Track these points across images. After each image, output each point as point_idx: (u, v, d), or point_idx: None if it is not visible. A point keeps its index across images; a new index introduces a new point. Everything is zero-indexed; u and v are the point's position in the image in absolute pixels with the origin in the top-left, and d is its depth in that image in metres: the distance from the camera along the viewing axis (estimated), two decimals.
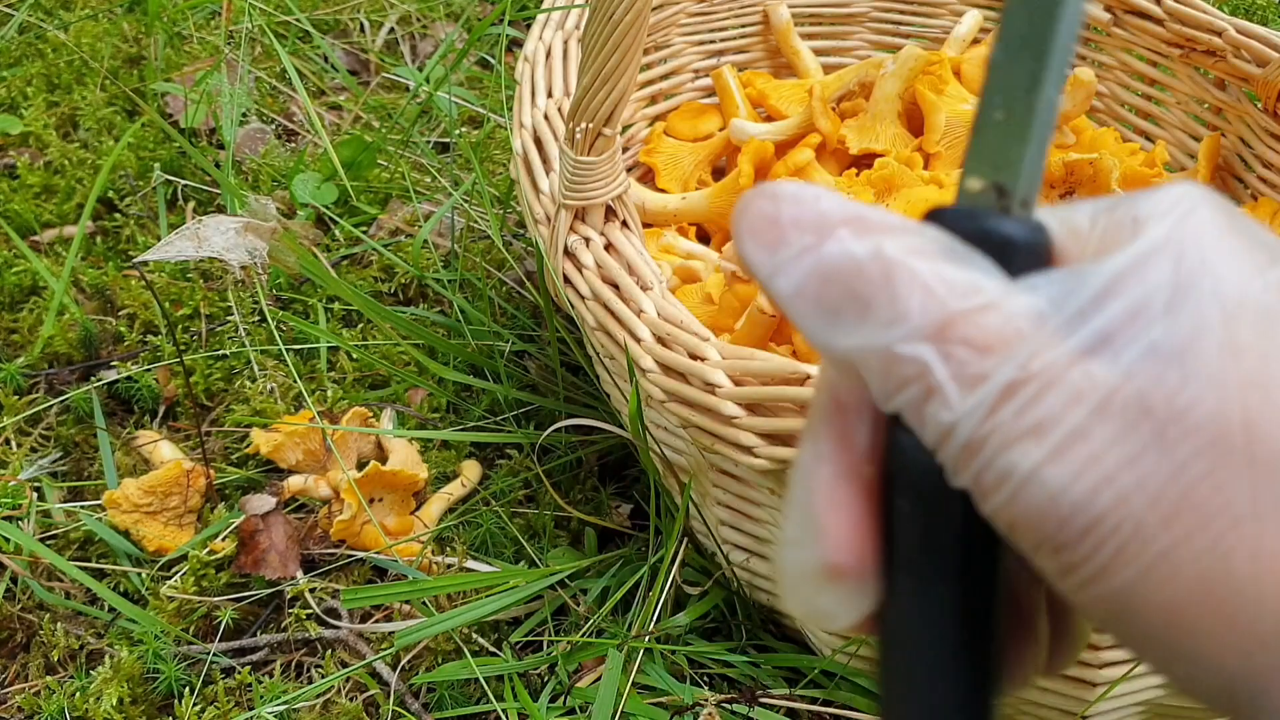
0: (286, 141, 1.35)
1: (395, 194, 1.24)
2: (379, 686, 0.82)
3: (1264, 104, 1.00)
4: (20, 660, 0.85)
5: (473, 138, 1.32)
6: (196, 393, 1.02)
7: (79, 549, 0.90)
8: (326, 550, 0.90)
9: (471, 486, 0.95)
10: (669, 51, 1.14)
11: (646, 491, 0.91)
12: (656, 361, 0.69)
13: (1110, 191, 0.86)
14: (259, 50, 1.45)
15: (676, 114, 1.14)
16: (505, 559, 0.90)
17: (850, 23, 1.21)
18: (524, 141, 0.86)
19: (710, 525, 0.83)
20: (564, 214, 0.77)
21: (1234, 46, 1.00)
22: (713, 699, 0.79)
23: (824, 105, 1.04)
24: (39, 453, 0.98)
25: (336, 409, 1.00)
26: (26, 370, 1.04)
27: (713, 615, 0.85)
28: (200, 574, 0.87)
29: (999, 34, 0.32)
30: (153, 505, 0.89)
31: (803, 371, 0.62)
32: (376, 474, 0.88)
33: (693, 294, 0.91)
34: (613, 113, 0.71)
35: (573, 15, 0.96)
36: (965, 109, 1.02)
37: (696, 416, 0.67)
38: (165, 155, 1.25)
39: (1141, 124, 1.13)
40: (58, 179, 1.24)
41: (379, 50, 1.51)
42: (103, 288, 1.13)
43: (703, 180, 1.09)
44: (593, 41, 0.68)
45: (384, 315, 1.02)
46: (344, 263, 1.17)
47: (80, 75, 1.38)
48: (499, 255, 1.15)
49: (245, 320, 1.08)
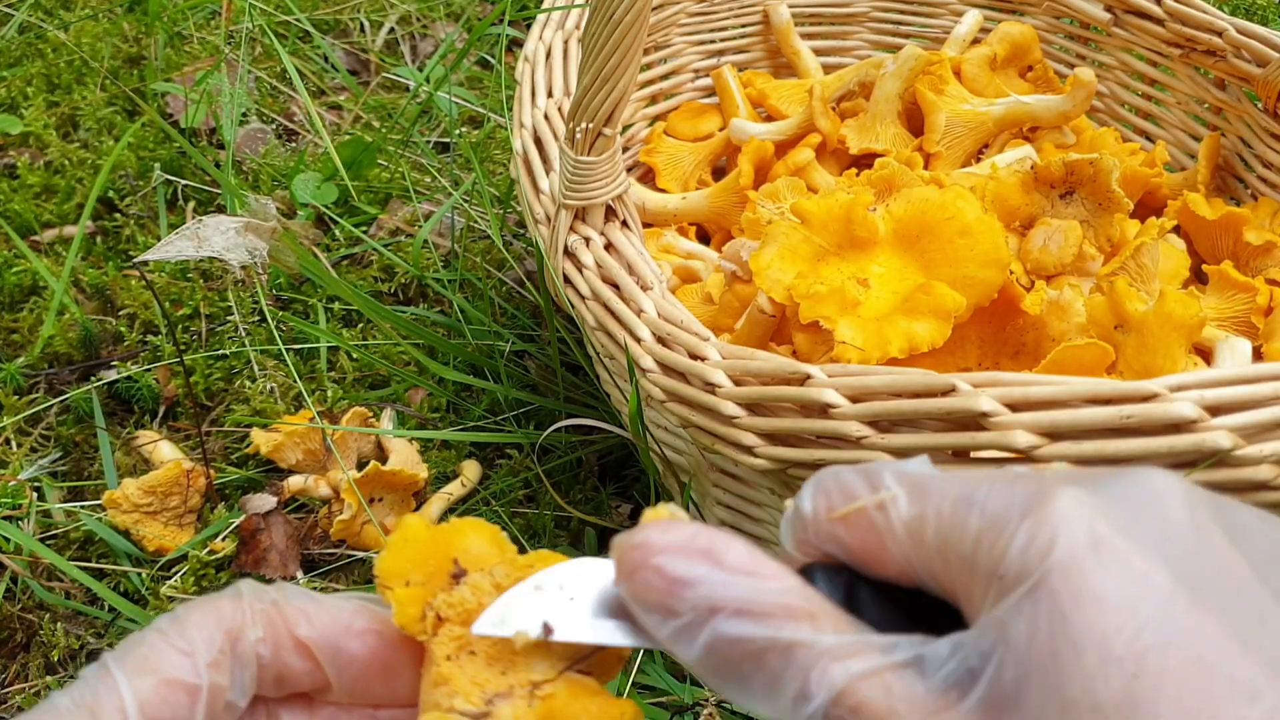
0: (286, 141, 1.35)
1: (395, 194, 1.24)
2: None
3: (1264, 104, 1.00)
4: (20, 660, 0.85)
5: (473, 138, 1.32)
6: (196, 393, 1.02)
7: (79, 549, 0.90)
8: (326, 550, 0.90)
9: (471, 486, 0.95)
10: (669, 51, 1.14)
11: (646, 491, 0.91)
12: (656, 361, 0.69)
13: (1110, 191, 0.86)
14: (259, 50, 1.45)
15: (676, 114, 1.14)
16: None
17: (850, 23, 1.21)
18: (524, 141, 0.86)
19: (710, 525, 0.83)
20: (564, 214, 0.77)
21: (1234, 46, 1.00)
22: (713, 699, 0.79)
23: (824, 105, 1.04)
24: (39, 453, 0.98)
25: (336, 409, 1.00)
26: (26, 370, 1.04)
27: None
28: (200, 574, 0.87)
29: None
30: (153, 505, 0.89)
31: (803, 371, 0.62)
32: (376, 474, 0.88)
33: (693, 294, 0.91)
34: (613, 113, 0.71)
35: (573, 15, 0.96)
36: (965, 109, 1.02)
37: (696, 416, 0.67)
38: (165, 155, 1.25)
39: (1141, 124, 1.13)
40: (58, 179, 1.24)
41: (379, 50, 1.51)
42: (103, 288, 1.13)
43: (703, 180, 1.09)
44: (593, 41, 0.68)
45: (384, 315, 1.02)
46: (344, 263, 1.17)
47: (80, 75, 1.38)
48: (499, 255, 1.15)
49: (245, 320, 1.08)
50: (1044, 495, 0.30)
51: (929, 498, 0.33)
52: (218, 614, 0.36)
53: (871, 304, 0.74)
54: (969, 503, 0.32)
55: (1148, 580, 0.28)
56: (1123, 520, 0.30)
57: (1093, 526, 0.29)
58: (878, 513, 0.33)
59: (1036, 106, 1.03)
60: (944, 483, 0.33)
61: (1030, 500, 0.30)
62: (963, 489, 0.32)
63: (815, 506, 0.34)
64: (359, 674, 0.37)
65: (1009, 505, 0.31)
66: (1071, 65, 1.14)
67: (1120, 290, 0.75)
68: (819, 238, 0.78)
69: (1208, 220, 0.93)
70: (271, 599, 0.37)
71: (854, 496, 0.34)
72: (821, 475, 0.35)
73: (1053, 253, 0.84)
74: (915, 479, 0.33)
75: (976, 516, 0.31)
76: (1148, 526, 0.30)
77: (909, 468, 0.34)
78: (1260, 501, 0.56)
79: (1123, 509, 0.30)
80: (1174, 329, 0.72)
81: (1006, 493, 0.31)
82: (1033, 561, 0.29)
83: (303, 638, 0.36)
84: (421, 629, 0.36)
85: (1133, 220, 0.88)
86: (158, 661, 0.34)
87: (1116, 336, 0.75)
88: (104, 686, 0.34)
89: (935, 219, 0.76)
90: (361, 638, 0.37)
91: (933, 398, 0.58)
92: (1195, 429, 0.54)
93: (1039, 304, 0.77)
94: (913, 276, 0.76)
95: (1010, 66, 1.12)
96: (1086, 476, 0.32)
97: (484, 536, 0.37)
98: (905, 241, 0.77)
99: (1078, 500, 0.30)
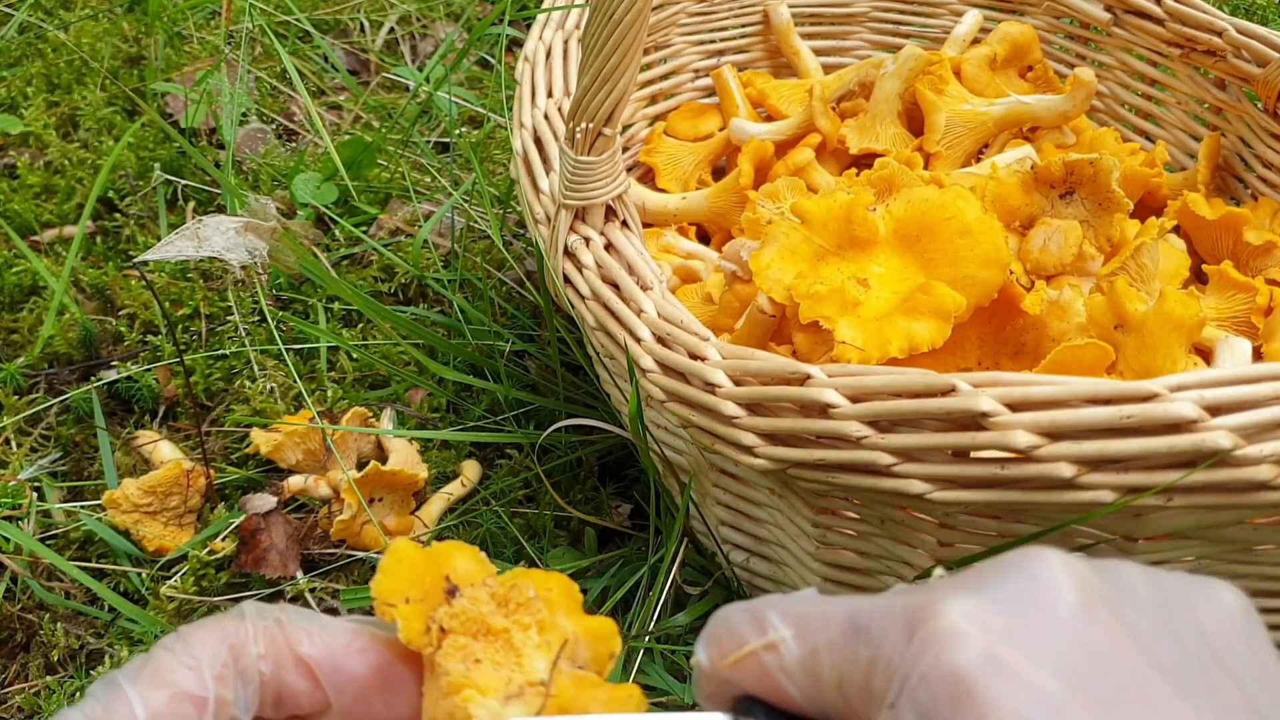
0: (286, 141, 1.35)
1: (395, 194, 1.24)
2: None
3: (1264, 104, 1.00)
4: (20, 660, 0.85)
5: (473, 138, 1.32)
6: (196, 393, 1.02)
7: (79, 549, 0.90)
8: (326, 550, 0.90)
9: (471, 486, 0.95)
10: (669, 51, 1.14)
11: (646, 491, 0.91)
12: (656, 361, 0.69)
13: (1110, 191, 0.86)
14: (259, 50, 1.45)
15: (676, 114, 1.14)
16: (505, 559, 0.90)
17: (850, 23, 1.21)
18: (524, 141, 0.86)
19: (710, 525, 0.83)
20: (564, 214, 0.77)
21: (1234, 46, 1.00)
22: None
23: (824, 105, 1.04)
24: (39, 453, 0.98)
25: (336, 409, 1.00)
26: (26, 370, 1.04)
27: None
28: (200, 574, 0.87)
29: None
30: (153, 505, 0.89)
31: (803, 371, 0.62)
32: (376, 474, 0.88)
33: (693, 294, 0.91)
34: (613, 113, 0.71)
35: (573, 15, 0.96)
36: (965, 109, 1.02)
37: (696, 416, 0.67)
38: (165, 155, 1.25)
39: (1141, 124, 1.13)
40: (58, 179, 1.24)
41: (379, 50, 1.51)
42: (103, 288, 1.13)
43: (703, 180, 1.09)
44: (593, 41, 0.68)
45: (384, 315, 1.02)
46: (344, 263, 1.17)
47: (80, 75, 1.38)
48: (499, 255, 1.15)
49: (245, 320, 1.08)
50: (927, 611, 0.30)
51: (816, 632, 0.32)
52: (221, 631, 0.36)
53: (871, 304, 0.74)
54: (855, 631, 0.31)
55: (1037, 693, 0.28)
56: (1009, 626, 0.29)
57: (977, 640, 0.29)
58: (768, 655, 0.33)
59: (1036, 106, 1.03)
60: (830, 612, 0.32)
61: (914, 617, 0.30)
62: (849, 616, 0.32)
63: (710, 656, 0.35)
64: (359, 692, 0.38)
65: (894, 628, 0.30)
66: (1071, 65, 1.14)
67: (1120, 290, 0.75)
68: (819, 238, 0.78)
69: (1208, 220, 0.93)
70: (274, 618, 0.37)
71: (743, 640, 0.34)
72: (711, 622, 0.35)
73: (1053, 253, 0.84)
74: (800, 615, 0.33)
75: (864, 647, 0.31)
76: (1035, 628, 0.30)
77: (791, 603, 0.34)
78: (1260, 501, 0.56)
79: (1009, 612, 0.30)
80: (1174, 329, 0.72)
81: (890, 615, 0.31)
82: (917, 687, 0.29)
83: (304, 655, 0.37)
84: (427, 642, 0.37)
85: (1133, 220, 0.88)
86: (166, 675, 0.35)
87: (1116, 336, 0.75)
88: (116, 701, 0.34)
89: (935, 219, 0.76)
90: (362, 655, 0.38)
91: (933, 398, 0.58)
92: (1195, 429, 0.54)
93: (1039, 304, 0.77)
94: (913, 276, 0.76)
95: (1010, 66, 1.12)
96: (970, 579, 0.31)
97: (469, 555, 0.40)
98: (905, 241, 0.77)
99: (962, 613, 0.30)
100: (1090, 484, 0.56)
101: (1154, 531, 0.63)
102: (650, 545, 0.87)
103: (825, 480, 0.63)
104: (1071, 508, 0.58)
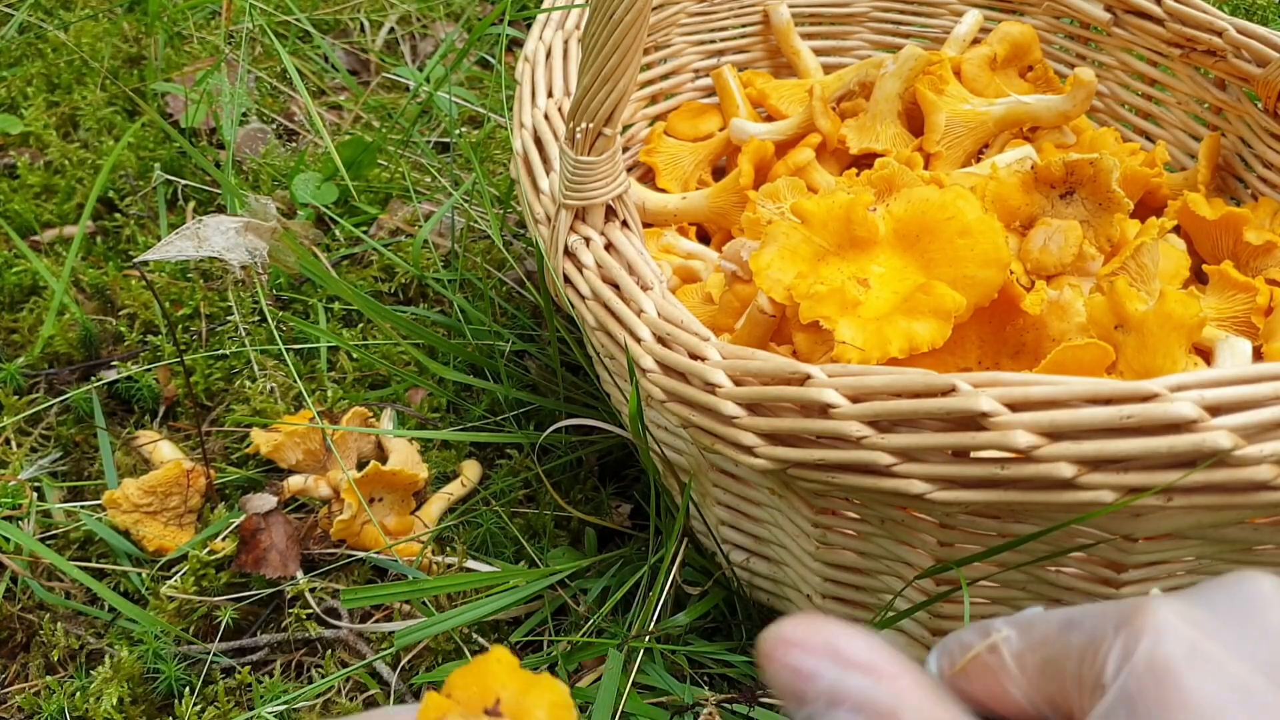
0: (287, 141, 1.35)
1: (395, 194, 1.24)
2: (379, 686, 0.82)
3: (1264, 104, 1.00)
4: (20, 660, 0.85)
5: (473, 138, 1.32)
6: (196, 393, 1.02)
7: (79, 549, 0.90)
8: (326, 550, 0.90)
9: (471, 486, 0.95)
10: (669, 51, 1.14)
11: (646, 491, 0.91)
12: (656, 361, 0.69)
13: (1110, 191, 0.85)
14: (259, 50, 1.45)
15: (676, 114, 1.14)
16: (505, 559, 0.90)
17: (850, 23, 1.21)
18: (524, 141, 0.86)
19: (710, 525, 0.83)
20: (564, 214, 0.77)
21: (1234, 46, 1.00)
22: (713, 699, 0.79)
23: (824, 105, 1.04)
24: (39, 453, 0.98)
25: (336, 409, 1.00)
26: (26, 370, 1.04)
27: (713, 615, 0.85)
28: (200, 574, 0.87)
29: None
30: (153, 505, 0.89)
31: (803, 371, 0.62)
32: (376, 474, 0.88)
33: (693, 294, 0.91)
34: (613, 113, 0.71)
35: (573, 15, 0.96)
36: (965, 109, 1.02)
37: (696, 416, 0.67)
38: (165, 155, 1.25)
39: (1141, 124, 1.13)
40: (58, 179, 1.24)
41: (379, 50, 1.51)
42: (103, 288, 1.13)
43: (703, 180, 1.09)
44: (593, 41, 0.68)
45: (384, 315, 1.02)
46: (344, 263, 1.17)
47: (80, 75, 1.38)
48: (499, 255, 1.15)
49: (245, 320, 1.08)
50: (1139, 608, 0.32)
51: (1034, 628, 0.35)
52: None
53: (872, 304, 0.74)
54: (1070, 625, 0.33)
55: (1240, 683, 0.29)
56: (1216, 626, 0.31)
57: (1185, 633, 0.31)
58: (990, 655, 0.35)
59: (1036, 106, 1.03)
60: (1048, 615, 0.35)
61: (1126, 613, 0.32)
62: (1066, 615, 0.34)
63: (940, 666, 0.37)
64: None
65: (1106, 620, 0.32)
66: (1071, 65, 1.14)
67: (1120, 290, 0.75)
68: (819, 238, 0.78)
69: (1208, 220, 0.93)
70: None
71: (969, 647, 0.36)
72: (944, 639, 0.38)
73: (1053, 253, 0.84)
74: (1023, 619, 0.36)
75: (1077, 635, 0.33)
76: (1243, 632, 0.31)
77: (1018, 615, 0.36)
78: (1260, 501, 0.56)
79: (1218, 616, 0.32)
80: (1174, 329, 0.72)
81: (1104, 613, 0.33)
82: (1125, 670, 0.31)
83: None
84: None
85: (1133, 220, 0.88)
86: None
87: (1116, 336, 0.75)
88: None
89: (935, 219, 0.76)
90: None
91: (933, 398, 0.58)
92: (1195, 429, 0.54)
93: (1039, 304, 0.77)
94: (913, 276, 0.76)
95: (1010, 66, 1.12)
96: (1183, 593, 0.33)
97: (553, 701, 0.37)
98: (905, 241, 0.77)
99: (1172, 610, 0.31)
100: (1090, 484, 0.56)
101: (1154, 531, 0.63)
102: (650, 545, 0.87)
103: (825, 480, 0.63)
104: (1071, 508, 0.58)
